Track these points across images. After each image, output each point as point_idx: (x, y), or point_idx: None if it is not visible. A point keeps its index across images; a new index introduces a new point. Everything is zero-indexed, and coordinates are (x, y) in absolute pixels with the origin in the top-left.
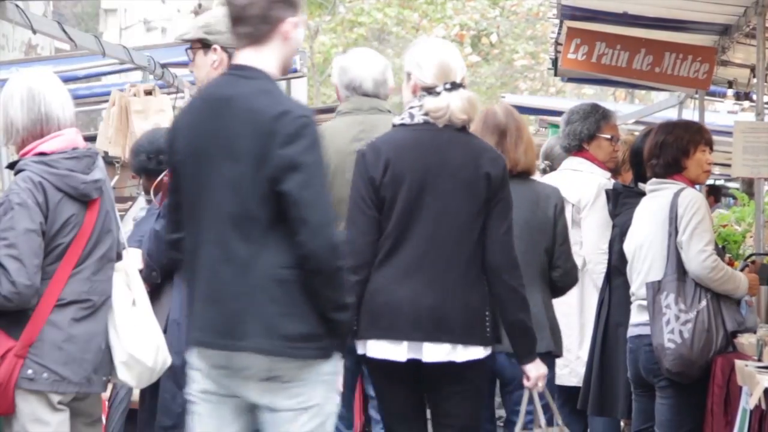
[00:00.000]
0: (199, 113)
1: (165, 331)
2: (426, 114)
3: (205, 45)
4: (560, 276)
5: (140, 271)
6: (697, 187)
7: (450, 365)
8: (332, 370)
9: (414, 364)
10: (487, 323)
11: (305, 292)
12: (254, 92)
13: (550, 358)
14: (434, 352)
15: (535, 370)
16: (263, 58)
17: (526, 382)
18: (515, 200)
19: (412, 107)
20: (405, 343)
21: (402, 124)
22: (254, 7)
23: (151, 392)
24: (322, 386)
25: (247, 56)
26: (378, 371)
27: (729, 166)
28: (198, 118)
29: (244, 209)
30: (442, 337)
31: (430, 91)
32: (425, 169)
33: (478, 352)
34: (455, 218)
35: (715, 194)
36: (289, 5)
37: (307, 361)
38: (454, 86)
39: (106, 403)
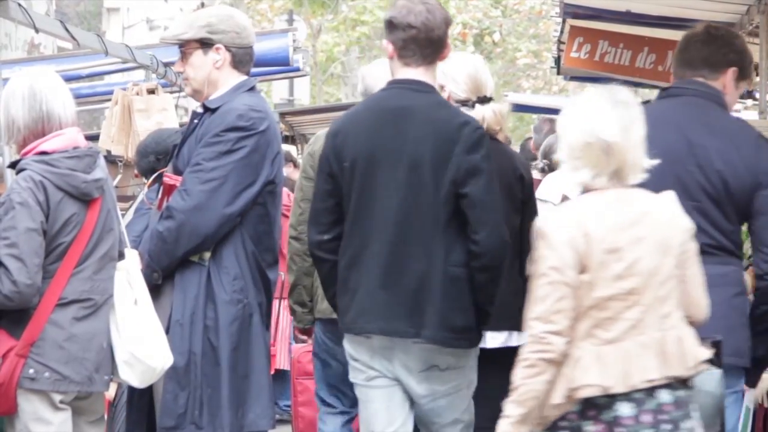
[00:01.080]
0: (373, 122)
1: (167, 332)
2: None
3: (205, 44)
4: None
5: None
6: None
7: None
8: (475, 356)
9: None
10: None
11: (471, 288)
12: (433, 104)
13: None
14: (494, 339)
15: None
16: (431, 75)
17: None
18: None
19: None
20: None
21: None
22: (440, 30)
23: (140, 391)
24: (470, 371)
25: (417, 72)
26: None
27: None
28: (371, 126)
29: (421, 210)
30: (501, 324)
31: (463, 103)
32: None
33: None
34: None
35: None
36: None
37: (465, 351)
38: (486, 99)
39: (110, 402)
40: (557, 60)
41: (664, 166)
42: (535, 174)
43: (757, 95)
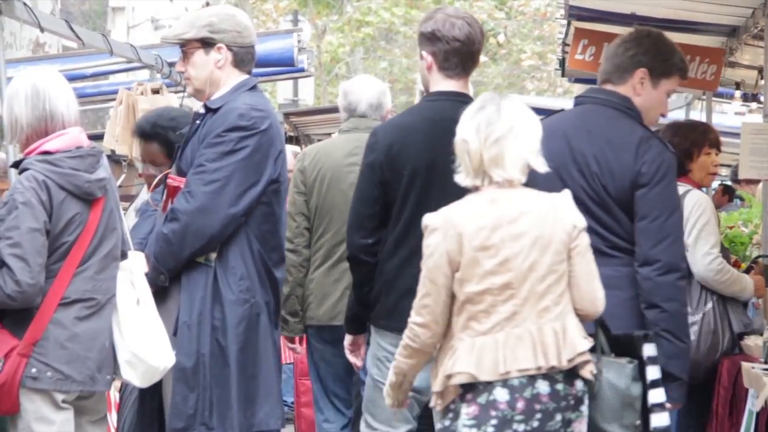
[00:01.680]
0: (431, 133)
1: (175, 334)
2: None
3: (206, 44)
4: None
5: (146, 274)
6: (710, 186)
7: None
8: None
9: None
10: None
11: None
12: None
13: None
14: None
15: None
16: (468, 86)
17: None
18: None
19: None
20: None
21: None
22: (480, 44)
23: (151, 392)
24: None
25: (458, 85)
26: None
27: (734, 166)
28: (430, 137)
29: None
30: None
31: None
32: None
33: None
34: None
35: (729, 193)
36: None
37: None
38: None
39: (117, 394)
40: (562, 62)
41: (554, 173)
42: None
43: (762, 98)
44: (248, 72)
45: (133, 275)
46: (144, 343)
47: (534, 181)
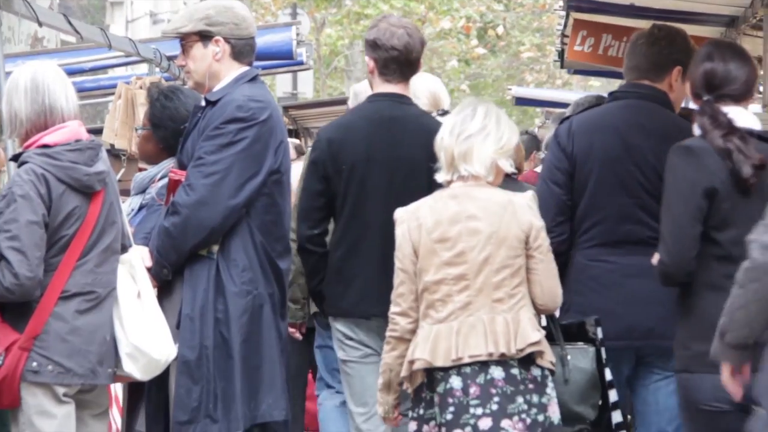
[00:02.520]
0: (369, 130)
1: (178, 327)
2: None
3: (204, 37)
4: None
5: (149, 269)
6: None
7: None
8: None
9: None
10: None
11: None
12: (418, 114)
13: None
14: None
15: None
16: (408, 90)
17: None
18: None
19: None
20: None
21: None
22: (418, 53)
23: (158, 385)
24: None
25: (397, 88)
26: None
27: None
28: (368, 134)
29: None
30: None
31: None
32: None
33: None
34: None
35: None
36: None
37: None
38: (445, 112)
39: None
40: (561, 53)
41: (605, 168)
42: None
43: (761, 88)
44: (248, 64)
45: (133, 268)
46: (145, 335)
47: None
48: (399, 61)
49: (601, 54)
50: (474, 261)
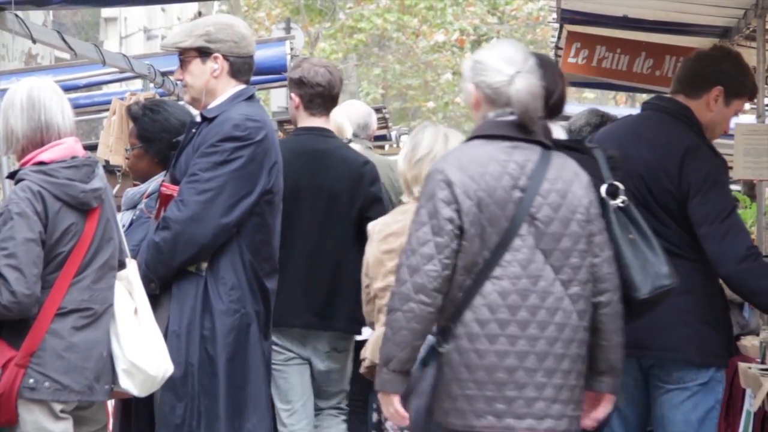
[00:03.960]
0: (296, 162)
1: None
2: None
3: (203, 53)
4: None
5: None
6: None
7: None
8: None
9: None
10: None
11: None
12: (339, 147)
13: None
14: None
15: None
16: (329, 123)
17: None
18: None
19: None
20: None
21: None
22: (339, 89)
23: (144, 401)
24: (351, 354)
25: (321, 121)
26: None
27: (730, 168)
28: (295, 166)
29: (335, 231)
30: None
31: None
32: None
33: None
34: None
35: None
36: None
37: (353, 338)
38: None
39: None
40: None
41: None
42: None
43: (755, 99)
44: (246, 82)
45: (131, 285)
46: (142, 352)
47: None
48: (323, 96)
49: (595, 66)
50: None
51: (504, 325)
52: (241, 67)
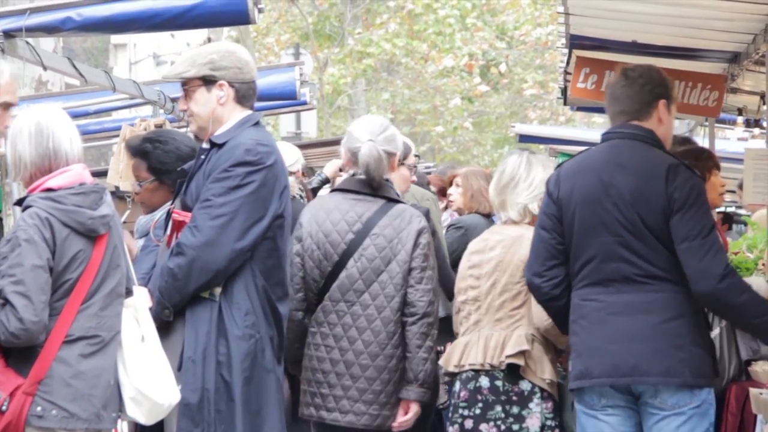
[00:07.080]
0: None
1: (179, 369)
2: None
3: (208, 82)
4: None
5: (151, 309)
6: (721, 205)
7: None
8: None
9: None
10: None
11: None
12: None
13: None
14: None
15: None
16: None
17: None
18: None
19: None
20: None
21: None
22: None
23: (152, 429)
24: None
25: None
26: None
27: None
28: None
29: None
30: None
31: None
32: None
33: None
34: None
35: (728, 221)
36: None
37: None
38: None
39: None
40: (564, 90)
41: (586, 209)
42: None
43: (764, 124)
44: (250, 107)
45: (137, 312)
46: (149, 380)
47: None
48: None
49: (604, 91)
50: (483, 286)
51: (324, 337)
52: (246, 93)
